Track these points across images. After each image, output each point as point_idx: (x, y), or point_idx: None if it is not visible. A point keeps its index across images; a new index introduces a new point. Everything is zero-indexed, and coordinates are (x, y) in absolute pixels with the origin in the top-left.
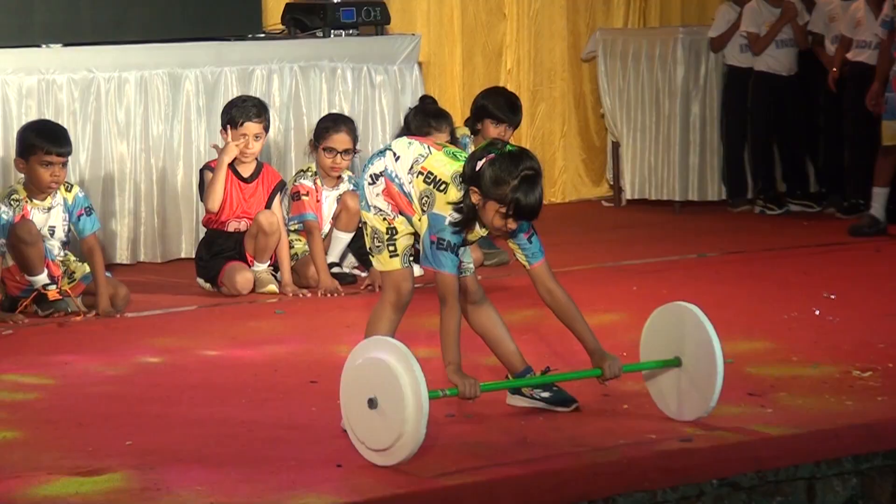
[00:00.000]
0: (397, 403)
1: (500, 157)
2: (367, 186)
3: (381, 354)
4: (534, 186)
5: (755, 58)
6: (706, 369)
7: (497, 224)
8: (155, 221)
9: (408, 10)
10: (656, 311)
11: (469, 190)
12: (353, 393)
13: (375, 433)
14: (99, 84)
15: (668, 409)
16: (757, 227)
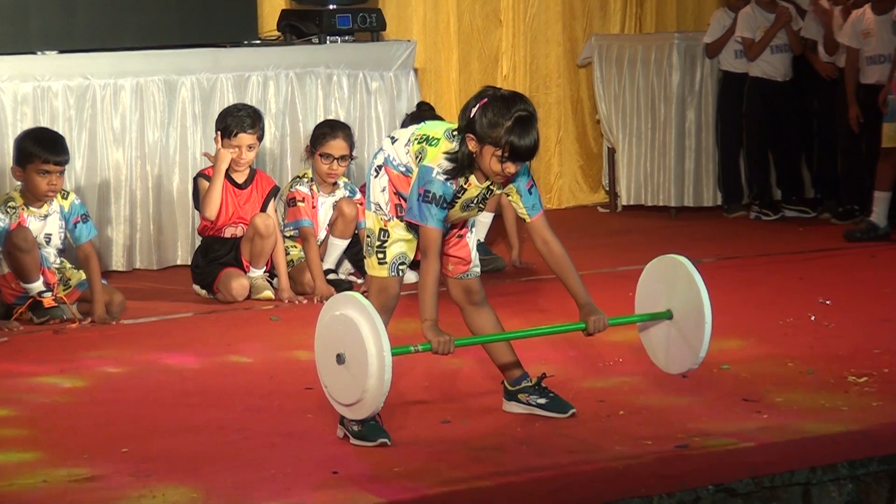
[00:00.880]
0: (361, 358)
1: (493, 101)
2: (372, 180)
3: (347, 311)
4: (528, 127)
5: (750, 63)
6: (695, 322)
7: (495, 169)
8: (151, 228)
9: (403, 17)
10: (650, 263)
11: (465, 138)
12: (324, 349)
13: (344, 388)
14: (94, 91)
15: (658, 361)
16: (752, 233)
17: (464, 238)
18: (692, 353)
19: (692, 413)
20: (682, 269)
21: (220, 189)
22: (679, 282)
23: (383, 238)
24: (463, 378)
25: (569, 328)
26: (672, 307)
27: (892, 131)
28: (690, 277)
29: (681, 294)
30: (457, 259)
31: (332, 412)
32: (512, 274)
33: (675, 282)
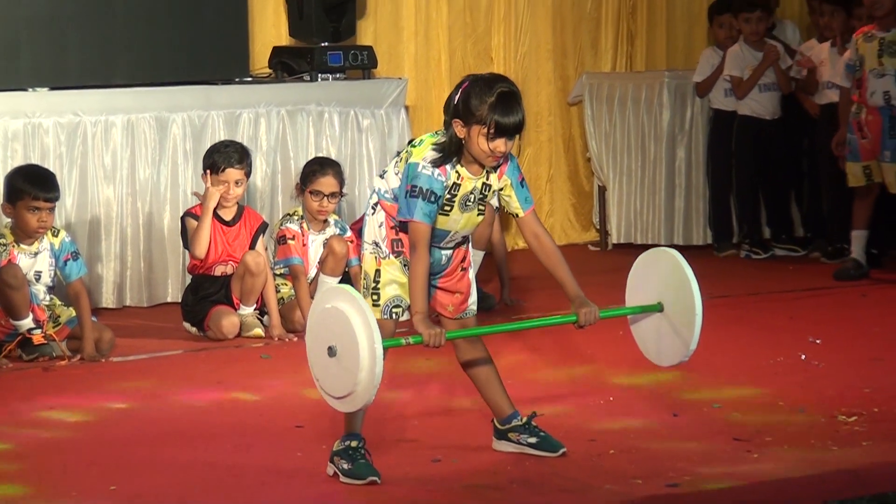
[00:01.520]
0: (353, 350)
1: (474, 83)
2: (368, 219)
3: (339, 304)
4: (512, 101)
5: (739, 102)
6: (686, 315)
7: (485, 148)
8: (141, 265)
9: (395, 55)
10: (641, 256)
11: (451, 124)
12: (315, 342)
13: (335, 380)
14: (85, 128)
15: (650, 354)
16: (742, 272)
17: (466, 272)
18: (683, 345)
19: (683, 452)
20: (673, 262)
21: (208, 227)
22: (669, 274)
23: (377, 279)
24: (453, 416)
25: (560, 320)
26: (663, 300)
27: (854, 171)
28: (681, 269)
29: (671, 287)
30: (458, 296)
31: (322, 450)
32: (503, 312)
33: (665, 274)
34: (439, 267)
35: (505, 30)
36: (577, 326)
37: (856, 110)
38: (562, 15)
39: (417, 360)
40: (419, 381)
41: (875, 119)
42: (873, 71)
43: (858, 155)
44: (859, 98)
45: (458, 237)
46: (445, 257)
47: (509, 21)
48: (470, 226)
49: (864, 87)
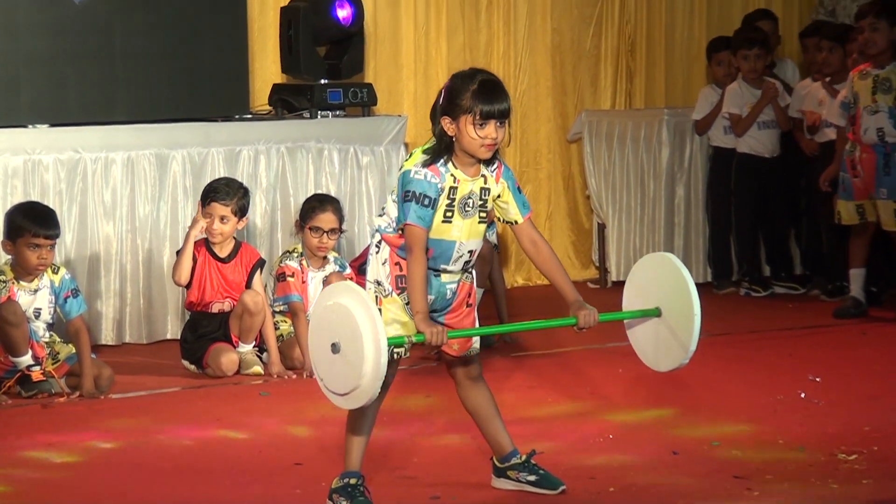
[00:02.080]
0: (357, 346)
1: (454, 79)
2: (372, 259)
3: (344, 300)
4: (494, 85)
5: (738, 139)
6: (684, 319)
7: (476, 137)
8: (141, 302)
9: (394, 92)
10: (640, 261)
11: (440, 123)
12: (319, 339)
13: (339, 377)
14: (85, 164)
15: (647, 359)
16: (742, 310)
17: (472, 309)
18: (682, 349)
19: (683, 490)
20: (671, 266)
21: (190, 254)
22: (667, 279)
23: None
24: (452, 454)
25: (561, 323)
26: (661, 304)
27: (852, 210)
28: (679, 274)
29: (669, 291)
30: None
31: (321, 487)
32: (501, 349)
33: (663, 279)
34: (444, 302)
35: (504, 67)
36: (577, 328)
37: (850, 148)
38: (561, 52)
39: (417, 396)
40: (418, 417)
41: (869, 157)
42: (867, 108)
43: (851, 193)
44: (853, 136)
45: (464, 252)
46: (451, 291)
47: (508, 58)
48: (474, 236)
49: (857, 124)
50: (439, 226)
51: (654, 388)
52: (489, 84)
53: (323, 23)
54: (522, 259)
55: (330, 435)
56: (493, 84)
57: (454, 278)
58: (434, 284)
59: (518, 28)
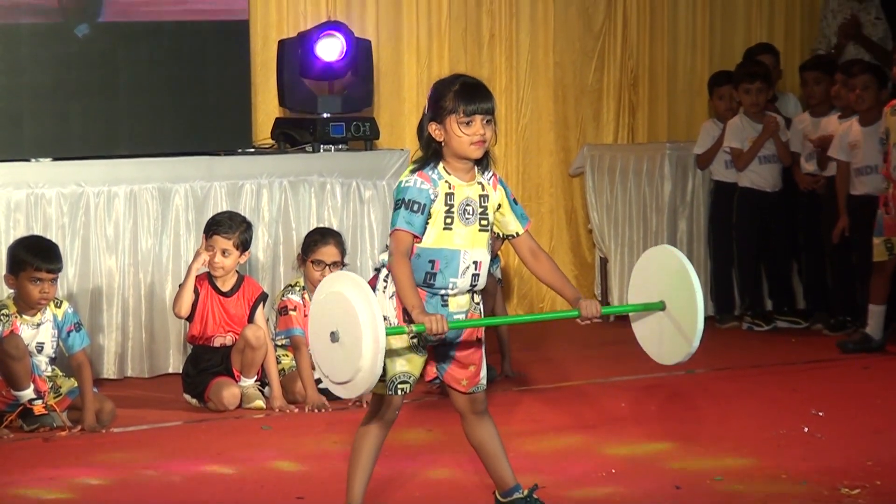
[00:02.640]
0: (356, 335)
1: (435, 84)
2: (379, 294)
3: (343, 289)
4: (475, 84)
5: (739, 173)
6: (688, 314)
7: (464, 136)
8: (143, 336)
9: (397, 126)
10: (644, 254)
11: (427, 130)
12: (318, 327)
13: (338, 366)
14: (88, 198)
15: (651, 352)
16: (744, 344)
17: (481, 344)
18: (686, 342)
19: None
20: (675, 260)
21: (191, 286)
22: (671, 272)
23: None
24: (454, 488)
25: (564, 315)
26: (665, 298)
27: (881, 245)
28: (682, 267)
29: (673, 285)
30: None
31: None
32: (504, 384)
33: (667, 273)
34: (453, 333)
35: (507, 101)
36: (580, 320)
37: (884, 185)
38: (563, 87)
39: (418, 430)
40: (420, 451)
41: None
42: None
43: (882, 229)
44: (886, 172)
45: (470, 262)
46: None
47: (511, 92)
48: (478, 245)
49: (888, 160)
50: (441, 234)
51: (656, 422)
52: (470, 83)
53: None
54: (525, 293)
55: (331, 469)
56: (474, 83)
57: (463, 308)
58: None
59: (520, 62)
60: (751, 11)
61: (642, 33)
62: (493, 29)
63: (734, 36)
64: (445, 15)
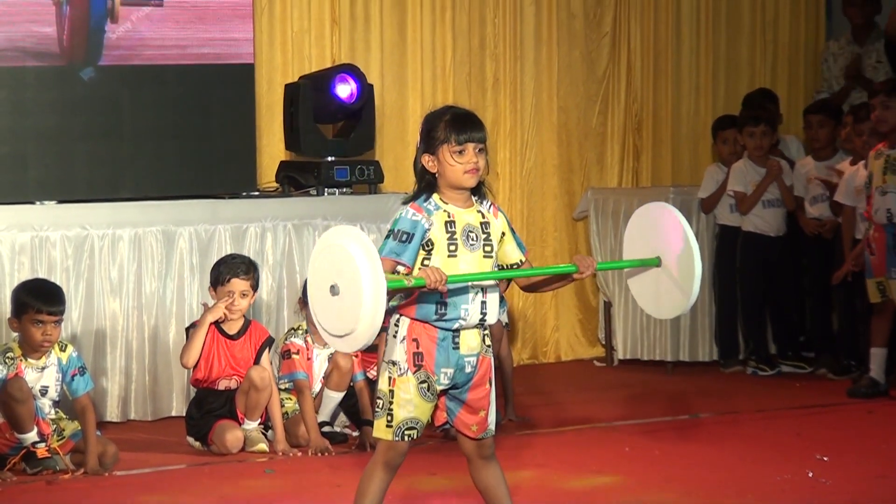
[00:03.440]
0: (356, 288)
1: (428, 116)
2: (389, 338)
3: (344, 242)
4: (466, 115)
5: (743, 217)
6: (685, 268)
7: (457, 165)
8: (146, 379)
9: (401, 169)
10: (637, 211)
11: (420, 162)
12: (318, 280)
13: (336, 319)
14: (93, 241)
15: (648, 308)
16: (749, 388)
17: (492, 388)
18: (684, 297)
19: None
20: (669, 216)
21: (202, 338)
22: (666, 228)
23: (392, 399)
24: None
25: (561, 270)
26: (661, 254)
27: (874, 287)
28: (677, 222)
29: (669, 240)
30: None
31: None
32: (508, 428)
33: (661, 228)
34: (464, 376)
35: (511, 145)
36: (577, 275)
37: (867, 227)
38: (567, 130)
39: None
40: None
41: (880, 236)
42: (879, 188)
43: (871, 271)
44: (868, 215)
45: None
46: (470, 365)
47: (515, 136)
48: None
49: (870, 203)
50: (446, 262)
51: (659, 468)
52: (461, 113)
53: (324, 100)
54: (529, 337)
55: None
56: (465, 113)
57: (474, 350)
58: (452, 357)
59: (524, 106)
60: (754, 56)
61: (646, 77)
62: (498, 73)
63: (738, 80)
64: (450, 59)
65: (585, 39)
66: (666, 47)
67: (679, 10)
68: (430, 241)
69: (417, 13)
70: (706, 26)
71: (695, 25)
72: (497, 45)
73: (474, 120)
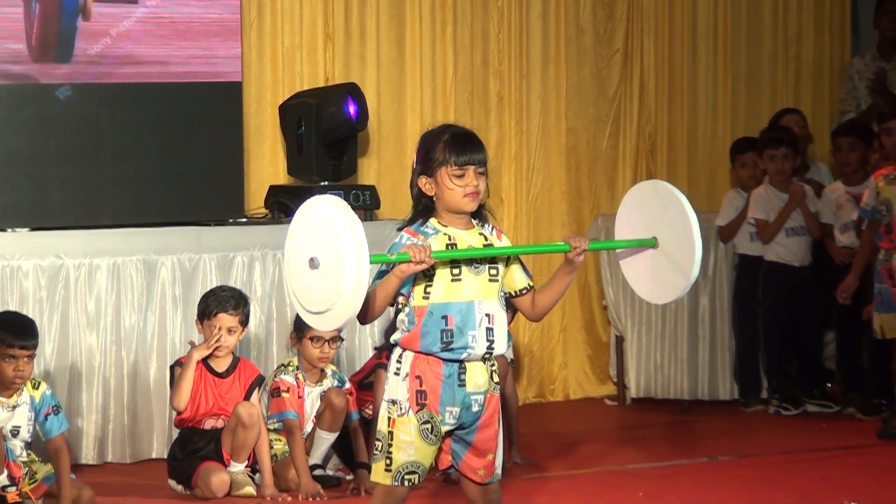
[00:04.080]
0: (338, 259)
1: (423, 136)
2: (391, 375)
3: (325, 212)
4: (466, 135)
5: (765, 247)
6: (683, 245)
7: (457, 188)
8: (125, 419)
9: (399, 194)
10: (629, 192)
11: (417, 185)
12: (296, 252)
13: (316, 294)
14: (68, 271)
15: (642, 292)
16: (772, 429)
17: (500, 428)
18: (683, 278)
19: None
20: (665, 192)
21: (191, 378)
22: (662, 205)
23: (391, 441)
24: None
25: (553, 248)
26: (657, 234)
27: (892, 321)
28: (674, 197)
29: (665, 217)
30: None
31: None
32: (513, 472)
33: (656, 206)
34: (471, 416)
35: (516, 169)
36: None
37: (884, 257)
38: (576, 153)
39: None
40: None
41: None
42: None
43: (892, 304)
44: (889, 243)
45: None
46: (477, 404)
47: (520, 159)
48: (490, 297)
49: (894, 231)
50: (450, 287)
51: None
52: (461, 133)
53: (336, 121)
54: (535, 374)
55: None
56: (465, 133)
57: (481, 388)
58: (459, 395)
59: (531, 127)
60: (776, 73)
61: (660, 97)
62: (502, 92)
63: (758, 99)
64: (451, 76)
65: (595, 56)
66: (681, 64)
67: (695, 25)
68: (432, 265)
69: (416, 28)
70: (724, 42)
71: (712, 41)
72: (501, 61)
73: (475, 140)
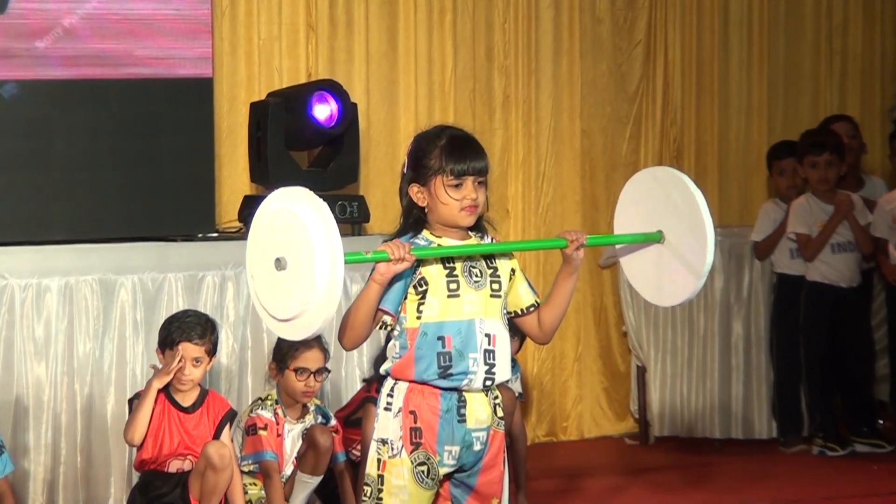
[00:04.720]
0: (308, 258)
1: (417, 138)
2: (382, 412)
3: (294, 206)
4: (465, 140)
5: (808, 265)
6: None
7: (452, 200)
8: (78, 460)
9: (390, 205)
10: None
11: (408, 193)
12: (260, 252)
13: (283, 300)
14: (13, 292)
15: (647, 293)
16: (815, 472)
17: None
18: (693, 276)
19: None
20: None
21: (149, 409)
22: (662, 193)
23: (381, 486)
24: None
25: (550, 244)
26: (661, 226)
27: None
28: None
29: (668, 205)
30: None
31: None
32: None
33: (656, 196)
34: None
35: (524, 177)
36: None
37: None
38: (591, 160)
39: None
40: None
41: None
42: None
43: None
44: None
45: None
46: (479, 442)
47: (529, 166)
48: (492, 315)
49: None
50: (446, 303)
51: None
52: (460, 137)
53: (299, 123)
54: (546, 409)
55: None
56: (464, 137)
57: (483, 424)
58: (458, 433)
59: (541, 129)
60: (818, 70)
61: (687, 95)
62: (508, 89)
63: (798, 99)
64: (450, 72)
65: (614, 49)
66: (711, 58)
67: (727, 14)
68: (424, 279)
69: (411, 17)
70: (760, 33)
71: (746, 32)
72: (507, 55)
73: (475, 146)
